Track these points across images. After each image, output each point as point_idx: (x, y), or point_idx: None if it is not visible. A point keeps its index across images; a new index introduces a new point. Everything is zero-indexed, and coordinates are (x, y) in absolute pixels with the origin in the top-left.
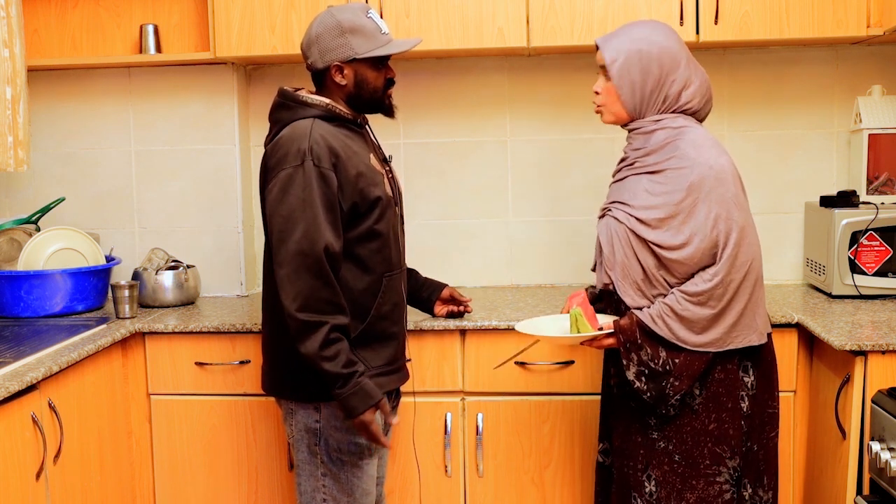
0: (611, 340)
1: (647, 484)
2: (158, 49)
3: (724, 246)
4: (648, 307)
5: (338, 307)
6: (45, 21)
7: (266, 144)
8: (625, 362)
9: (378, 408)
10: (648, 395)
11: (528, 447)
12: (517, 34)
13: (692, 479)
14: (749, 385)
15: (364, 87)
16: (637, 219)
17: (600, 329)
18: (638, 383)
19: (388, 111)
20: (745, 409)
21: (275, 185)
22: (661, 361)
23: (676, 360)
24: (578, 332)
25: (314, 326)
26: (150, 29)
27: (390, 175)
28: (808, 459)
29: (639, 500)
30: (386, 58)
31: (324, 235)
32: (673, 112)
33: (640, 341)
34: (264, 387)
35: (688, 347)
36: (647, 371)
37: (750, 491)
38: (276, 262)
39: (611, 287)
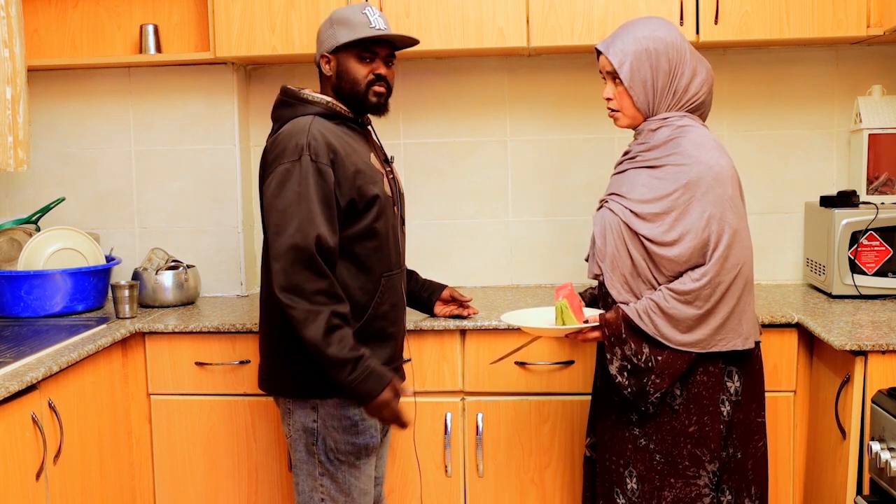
0: (596, 334)
1: (629, 480)
2: (158, 49)
3: (716, 247)
4: (634, 302)
5: (335, 296)
6: (45, 21)
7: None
8: (608, 356)
9: (391, 386)
10: (629, 390)
11: (528, 447)
12: (517, 34)
13: (671, 477)
14: (733, 391)
15: (345, 78)
16: (632, 211)
17: (586, 322)
18: (620, 378)
19: (374, 108)
20: (725, 414)
21: (272, 180)
22: (643, 357)
23: (659, 358)
24: (564, 324)
25: (314, 314)
26: (150, 29)
27: (391, 175)
28: (808, 459)
29: (621, 496)
30: (372, 51)
31: (317, 229)
32: (682, 107)
33: (624, 336)
34: (262, 385)
35: (671, 346)
36: (629, 366)
37: (729, 497)
38: (272, 255)
39: (601, 278)
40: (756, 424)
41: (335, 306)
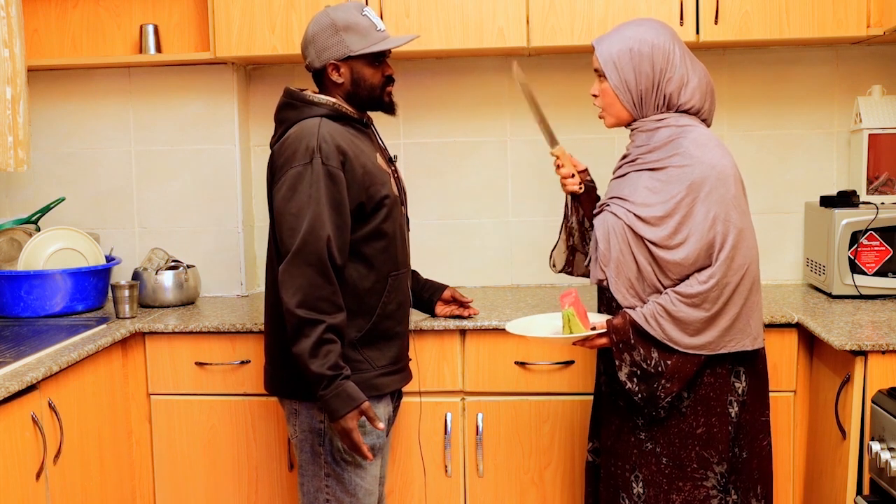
0: (603, 340)
1: (634, 484)
2: (158, 49)
3: (721, 248)
4: (640, 307)
5: (336, 306)
6: (45, 21)
7: (272, 144)
8: (617, 362)
9: (361, 412)
10: (639, 396)
11: (528, 447)
12: (517, 34)
13: (679, 480)
14: (740, 391)
15: (361, 85)
16: (636, 215)
17: (593, 328)
18: (630, 384)
19: (388, 108)
20: (733, 415)
21: (283, 183)
22: (653, 362)
23: (668, 362)
24: (571, 332)
25: (311, 324)
26: (150, 29)
27: (396, 175)
28: (808, 460)
29: (627, 501)
30: (382, 55)
31: (328, 233)
32: (675, 112)
33: (632, 341)
34: (267, 387)
35: (680, 349)
36: (639, 372)
37: (735, 497)
38: (282, 258)
39: (605, 283)
40: (760, 423)
41: (332, 318)
